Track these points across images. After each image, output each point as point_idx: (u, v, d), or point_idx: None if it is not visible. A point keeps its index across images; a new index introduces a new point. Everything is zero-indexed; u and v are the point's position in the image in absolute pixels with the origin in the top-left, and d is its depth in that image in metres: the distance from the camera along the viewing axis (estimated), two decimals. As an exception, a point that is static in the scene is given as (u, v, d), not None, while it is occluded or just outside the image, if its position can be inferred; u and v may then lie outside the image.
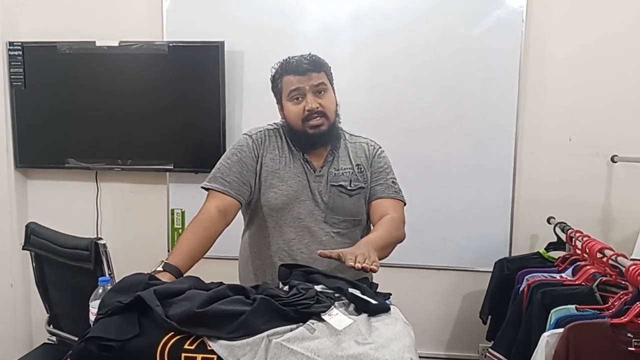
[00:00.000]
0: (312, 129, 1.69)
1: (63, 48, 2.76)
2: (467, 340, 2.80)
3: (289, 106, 1.71)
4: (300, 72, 1.68)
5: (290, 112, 1.71)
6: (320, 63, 1.72)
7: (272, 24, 2.72)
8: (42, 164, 2.93)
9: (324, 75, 1.71)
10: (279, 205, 1.73)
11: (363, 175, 1.77)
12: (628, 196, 2.64)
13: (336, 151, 1.78)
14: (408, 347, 1.14)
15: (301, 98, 1.69)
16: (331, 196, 1.73)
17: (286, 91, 1.70)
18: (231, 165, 1.71)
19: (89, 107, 2.80)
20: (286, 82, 1.70)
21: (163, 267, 1.45)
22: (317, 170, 1.75)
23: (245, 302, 1.19)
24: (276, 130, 1.80)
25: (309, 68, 1.68)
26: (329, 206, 1.73)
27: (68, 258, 1.85)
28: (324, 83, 1.70)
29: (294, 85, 1.68)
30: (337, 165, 1.76)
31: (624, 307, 1.64)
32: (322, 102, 1.69)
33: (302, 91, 1.68)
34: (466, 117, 2.67)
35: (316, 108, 1.67)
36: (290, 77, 1.69)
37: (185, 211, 2.86)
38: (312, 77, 1.68)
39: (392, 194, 1.76)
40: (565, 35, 2.62)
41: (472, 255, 2.73)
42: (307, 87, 1.67)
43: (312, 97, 1.68)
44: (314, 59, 1.71)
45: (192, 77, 2.73)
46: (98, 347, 1.11)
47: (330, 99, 1.72)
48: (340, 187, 1.73)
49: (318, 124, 1.68)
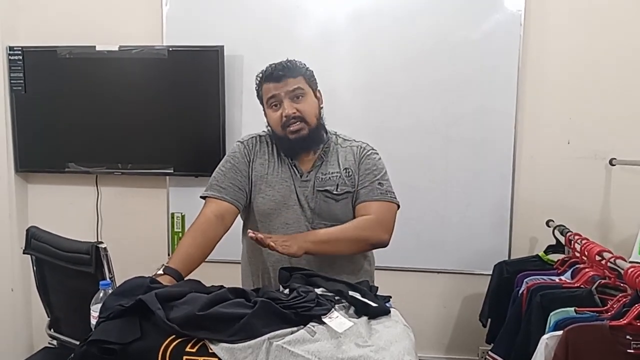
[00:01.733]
0: (292, 134, 1.69)
1: (63, 52, 2.77)
2: (466, 343, 2.81)
3: (269, 113, 1.73)
4: (275, 78, 1.69)
5: (270, 119, 1.73)
6: (296, 68, 1.72)
7: (271, 28, 2.73)
8: (43, 168, 2.93)
9: (301, 80, 1.71)
10: (267, 210, 1.73)
11: (351, 179, 1.74)
12: (626, 199, 2.64)
13: (325, 156, 1.77)
14: (408, 349, 1.15)
15: (279, 105, 1.69)
16: (317, 201, 1.72)
17: (265, 98, 1.72)
18: (225, 172, 1.73)
19: (89, 112, 2.81)
20: (265, 90, 1.72)
21: (164, 271, 1.46)
22: (304, 175, 1.74)
23: (246, 305, 1.20)
24: (268, 136, 1.81)
25: (284, 74, 1.68)
26: (315, 211, 1.72)
27: (69, 262, 1.85)
28: (300, 88, 1.70)
29: (271, 93, 1.70)
30: (325, 169, 1.75)
31: (622, 309, 1.65)
32: (300, 107, 1.69)
33: (278, 98, 1.69)
34: (465, 120, 2.67)
35: (293, 113, 1.67)
36: (268, 84, 1.70)
37: (185, 215, 2.86)
38: (287, 83, 1.68)
39: (377, 196, 1.71)
40: (563, 39, 2.63)
41: (471, 258, 2.73)
42: (282, 93, 1.68)
43: (289, 102, 1.68)
44: (289, 65, 1.71)
45: (191, 82, 2.73)
46: (100, 351, 1.12)
47: (310, 103, 1.72)
48: (326, 192, 1.72)
49: (297, 129, 1.68)
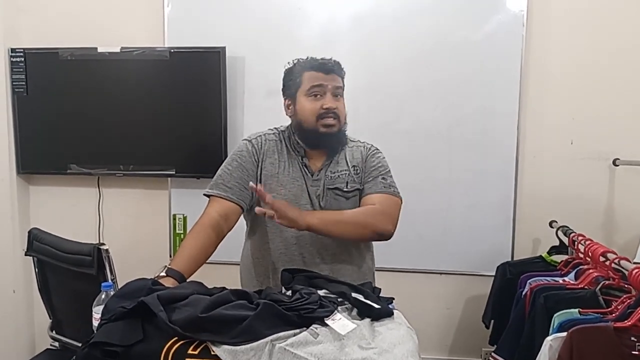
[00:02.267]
0: (325, 128, 1.70)
1: (65, 54, 2.77)
2: (469, 344, 2.80)
3: (304, 102, 1.71)
4: (326, 70, 1.70)
5: (305, 108, 1.71)
6: (341, 68, 1.75)
7: (273, 30, 2.72)
8: (44, 170, 2.93)
9: (341, 81, 1.74)
10: None
11: (359, 176, 1.76)
12: (630, 199, 2.63)
13: (334, 155, 1.78)
14: (412, 351, 1.14)
15: (320, 96, 1.70)
16: (328, 200, 1.73)
17: (306, 86, 1.71)
18: (232, 171, 1.72)
19: (91, 113, 2.81)
20: (309, 77, 1.71)
21: (166, 273, 1.45)
22: (315, 174, 1.75)
23: (248, 307, 1.19)
24: (276, 134, 1.80)
25: (334, 69, 1.71)
26: (325, 210, 1.72)
27: (71, 264, 1.85)
28: (341, 87, 1.74)
29: (318, 82, 1.69)
30: (334, 168, 1.76)
31: (627, 310, 1.64)
32: (339, 105, 1.72)
33: (323, 89, 1.70)
34: (467, 121, 2.67)
35: (334, 108, 1.69)
36: (315, 73, 1.71)
37: (187, 216, 2.86)
38: (334, 79, 1.71)
39: (381, 189, 1.73)
40: (566, 39, 2.62)
41: (474, 259, 2.72)
42: (329, 86, 1.70)
43: (331, 97, 1.70)
44: (338, 62, 1.75)
45: (193, 83, 2.73)
46: (102, 353, 1.11)
47: (344, 105, 1.75)
48: (336, 189, 1.73)
49: (331, 124, 1.70)
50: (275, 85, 1.86)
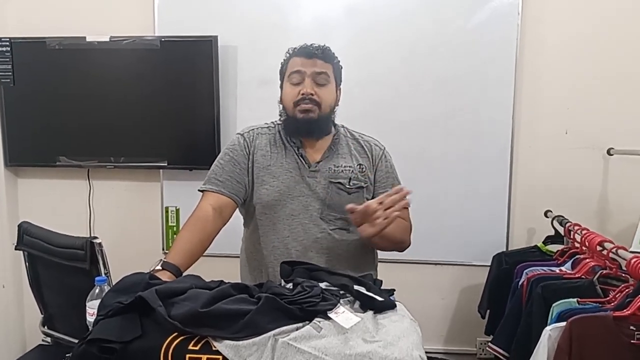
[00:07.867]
0: (302, 114, 1.66)
1: (52, 44, 2.71)
2: (464, 334, 2.80)
3: (286, 87, 1.71)
4: (307, 54, 1.67)
5: (286, 94, 1.71)
6: (329, 54, 1.71)
7: (266, 18, 2.68)
8: (33, 162, 2.87)
9: (329, 68, 1.70)
10: (271, 202, 1.70)
11: (364, 175, 1.74)
12: (624, 189, 2.64)
13: (335, 147, 1.75)
14: (416, 344, 1.13)
15: (299, 82, 1.67)
16: (329, 192, 1.71)
17: (288, 72, 1.70)
18: (224, 165, 1.70)
19: (80, 104, 2.75)
20: (291, 63, 1.70)
21: (162, 266, 1.43)
22: (312, 166, 1.72)
23: (249, 301, 1.17)
24: (271, 127, 1.78)
25: (316, 53, 1.67)
26: (326, 202, 1.71)
27: (63, 258, 1.81)
28: (326, 74, 1.68)
29: (297, 67, 1.67)
30: (337, 162, 1.74)
31: (625, 300, 1.64)
32: (319, 92, 1.67)
33: (302, 75, 1.67)
34: (462, 110, 2.65)
35: (310, 94, 1.65)
36: (296, 58, 1.69)
37: (179, 209, 2.82)
38: (316, 64, 1.67)
39: None
40: (561, 28, 2.61)
41: (469, 249, 2.72)
42: (308, 71, 1.66)
43: (311, 82, 1.66)
44: (325, 47, 1.70)
45: (185, 73, 2.68)
46: (99, 350, 1.08)
47: (330, 93, 1.71)
48: (339, 184, 1.71)
49: (307, 109, 1.66)
50: (268, 75, 1.84)
